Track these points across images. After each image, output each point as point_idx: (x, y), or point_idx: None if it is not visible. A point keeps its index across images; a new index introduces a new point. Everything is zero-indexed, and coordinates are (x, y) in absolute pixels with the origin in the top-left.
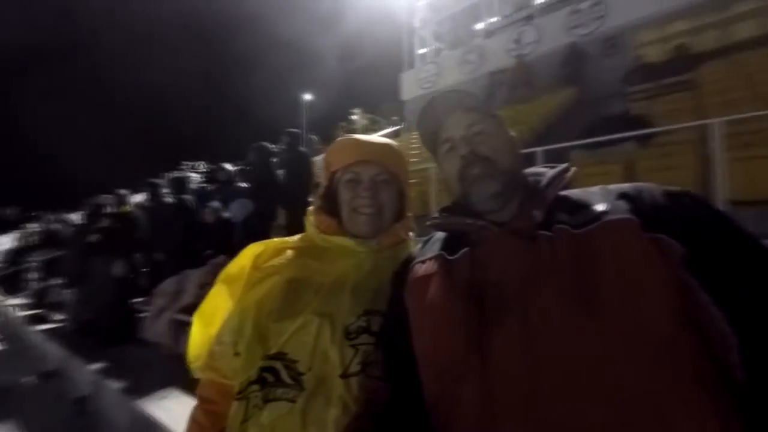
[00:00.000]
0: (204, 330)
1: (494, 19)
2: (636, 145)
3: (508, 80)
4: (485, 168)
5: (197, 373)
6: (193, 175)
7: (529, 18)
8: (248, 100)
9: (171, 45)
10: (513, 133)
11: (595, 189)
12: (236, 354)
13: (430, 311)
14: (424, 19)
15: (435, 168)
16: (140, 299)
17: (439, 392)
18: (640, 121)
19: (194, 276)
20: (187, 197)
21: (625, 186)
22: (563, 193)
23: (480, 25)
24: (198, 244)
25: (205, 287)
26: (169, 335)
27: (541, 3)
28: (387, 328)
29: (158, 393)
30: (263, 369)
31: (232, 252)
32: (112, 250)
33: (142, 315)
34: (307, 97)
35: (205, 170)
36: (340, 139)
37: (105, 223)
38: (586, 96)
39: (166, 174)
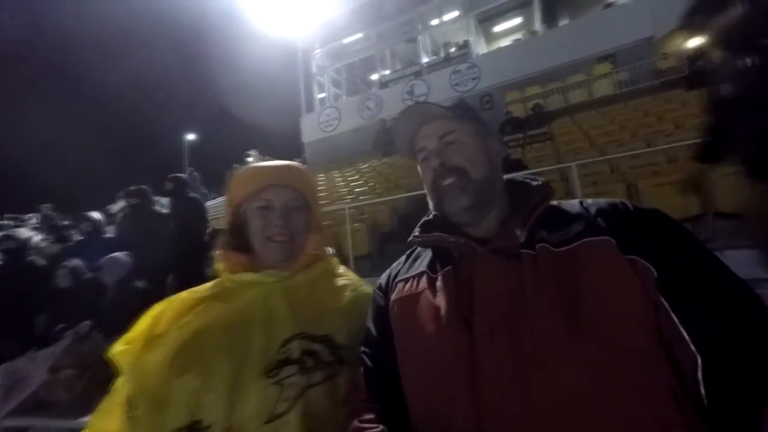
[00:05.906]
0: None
1: (387, 72)
2: None
3: None
4: (457, 179)
5: None
6: (23, 230)
7: (418, 74)
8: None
9: (40, 72)
10: (495, 141)
11: (574, 203)
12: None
13: (418, 335)
14: (320, 65)
15: (348, 208)
16: None
17: (431, 413)
18: (519, 164)
19: (43, 358)
20: (33, 257)
21: (602, 202)
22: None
23: (375, 76)
24: (47, 316)
25: (61, 371)
26: None
27: (428, 62)
28: (371, 347)
29: None
30: None
31: (103, 321)
32: None
33: None
34: (191, 137)
35: (46, 223)
36: (241, 169)
37: None
38: None
39: None
